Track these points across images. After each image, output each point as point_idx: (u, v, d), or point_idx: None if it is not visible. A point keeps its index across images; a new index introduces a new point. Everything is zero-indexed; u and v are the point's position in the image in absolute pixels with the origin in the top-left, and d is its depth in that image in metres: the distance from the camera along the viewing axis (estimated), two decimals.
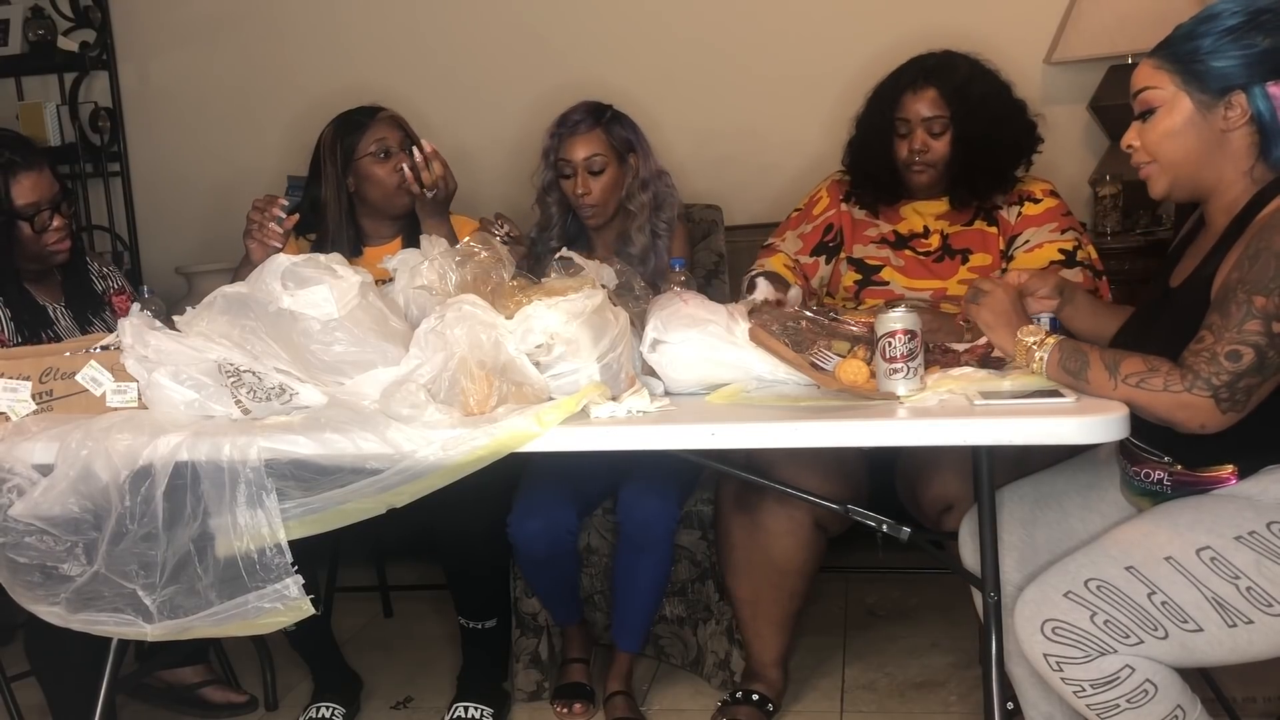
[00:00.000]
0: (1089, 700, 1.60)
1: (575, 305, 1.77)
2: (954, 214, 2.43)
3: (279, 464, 1.70)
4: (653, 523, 2.34)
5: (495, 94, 3.63)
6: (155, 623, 1.76)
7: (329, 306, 1.82)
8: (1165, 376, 1.57)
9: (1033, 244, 2.35)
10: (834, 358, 1.84)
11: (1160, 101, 1.68)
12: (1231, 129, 1.65)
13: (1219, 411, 1.56)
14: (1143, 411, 1.60)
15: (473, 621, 2.47)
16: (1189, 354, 1.57)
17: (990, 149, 2.35)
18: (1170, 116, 1.68)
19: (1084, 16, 3.10)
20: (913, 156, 2.37)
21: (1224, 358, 1.54)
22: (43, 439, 1.80)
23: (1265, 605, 1.57)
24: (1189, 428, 1.59)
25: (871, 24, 3.36)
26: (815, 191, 2.59)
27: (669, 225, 2.59)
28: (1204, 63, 1.64)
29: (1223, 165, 1.67)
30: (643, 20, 3.53)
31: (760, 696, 2.39)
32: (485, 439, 1.65)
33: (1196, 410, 1.57)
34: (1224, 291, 1.59)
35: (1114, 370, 1.60)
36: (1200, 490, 1.69)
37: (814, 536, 2.32)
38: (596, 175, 2.51)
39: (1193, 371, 1.56)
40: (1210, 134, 1.66)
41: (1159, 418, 1.60)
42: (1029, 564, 1.85)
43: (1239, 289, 1.56)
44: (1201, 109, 1.66)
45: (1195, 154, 1.68)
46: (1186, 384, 1.56)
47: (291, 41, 3.76)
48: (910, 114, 2.37)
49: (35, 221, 2.31)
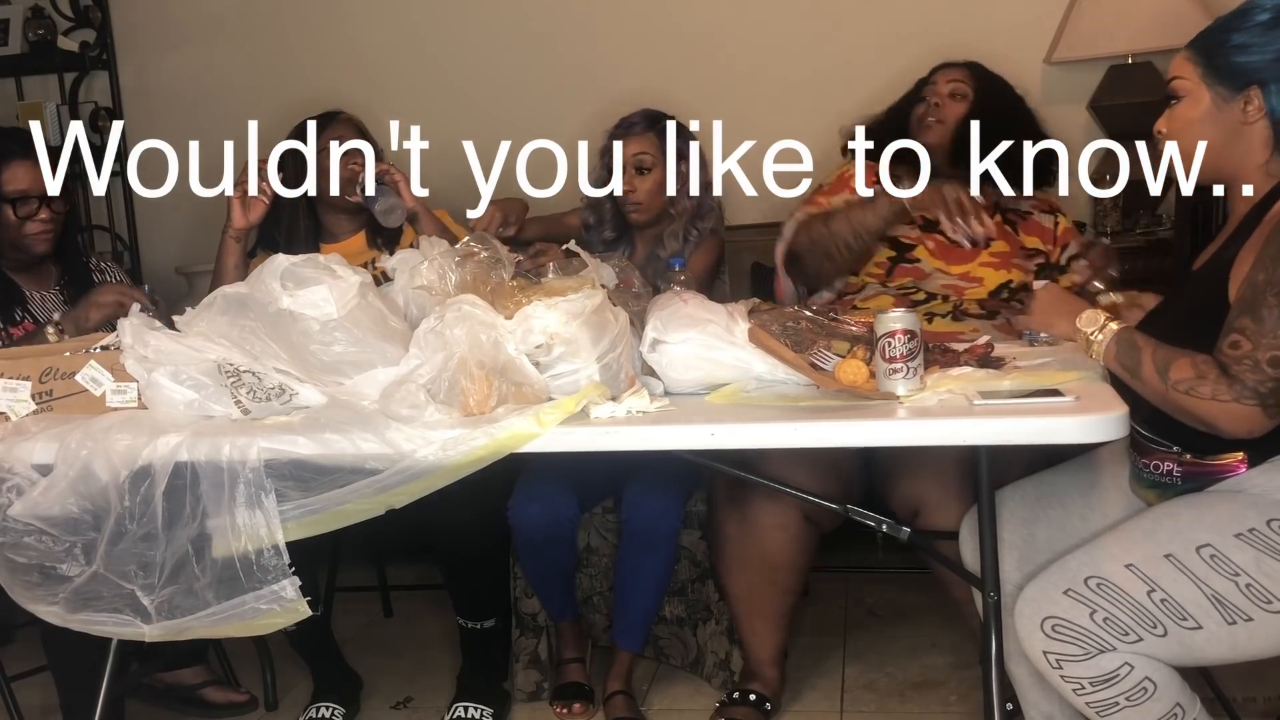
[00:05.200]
0: (1088, 698, 1.60)
1: (575, 305, 1.77)
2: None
3: (278, 464, 1.69)
4: (658, 522, 2.34)
5: (495, 94, 3.63)
6: (153, 623, 1.75)
7: (328, 306, 1.82)
8: (1213, 385, 1.58)
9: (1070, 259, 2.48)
10: (834, 358, 1.84)
11: (1185, 91, 1.73)
12: (1249, 123, 1.68)
13: (1266, 418, 1.58)
14: (1188, 417, 1.62)
15: (471, 622, 2.47)
16: (1231, 362, 1.58)
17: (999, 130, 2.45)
18: (1192, 107, 1.72)
19: (1084, 16, 3.10)
20: (928, 111, 2.54)
21: (1266, 364, 1.55)
22: (42, 439, 1.80)
23: (1265, 602, 1.57)
24: (1235, 435, 1.61)
25: (872, 24, 3.36)
26: (843, 169, 2.64)
27: (701, 234, 2.66)
28: (1226, 57, 1.68)
29: (1240, 157, 1.71)
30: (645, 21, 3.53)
31: (758, 696, 2.38)
32: (485, 439, 1.65)
33: (1244, 419, 1.58)
34: (1251, 292, 1.59)
35: (1164, 374, 1.62)
36: (1211, 480, 1.69)
37: (805, 531, 2.33)
38: (643, 174, 2.60)
39: (1240, 381, 1.56)
40: (1228, 126, 1.70)
41: (1205, 424, 1.62)
42: (1029, 563, 1.85)
43: (1268, 292, 1.57)
44: (1218, 102, 1.69)
45: (1213, 145, 1.71)
46: (1235, 394, 1.57)
47: (292, 41, 3.76)
48: (938, 79, 2.57)
49: (19, 208, 2.35)
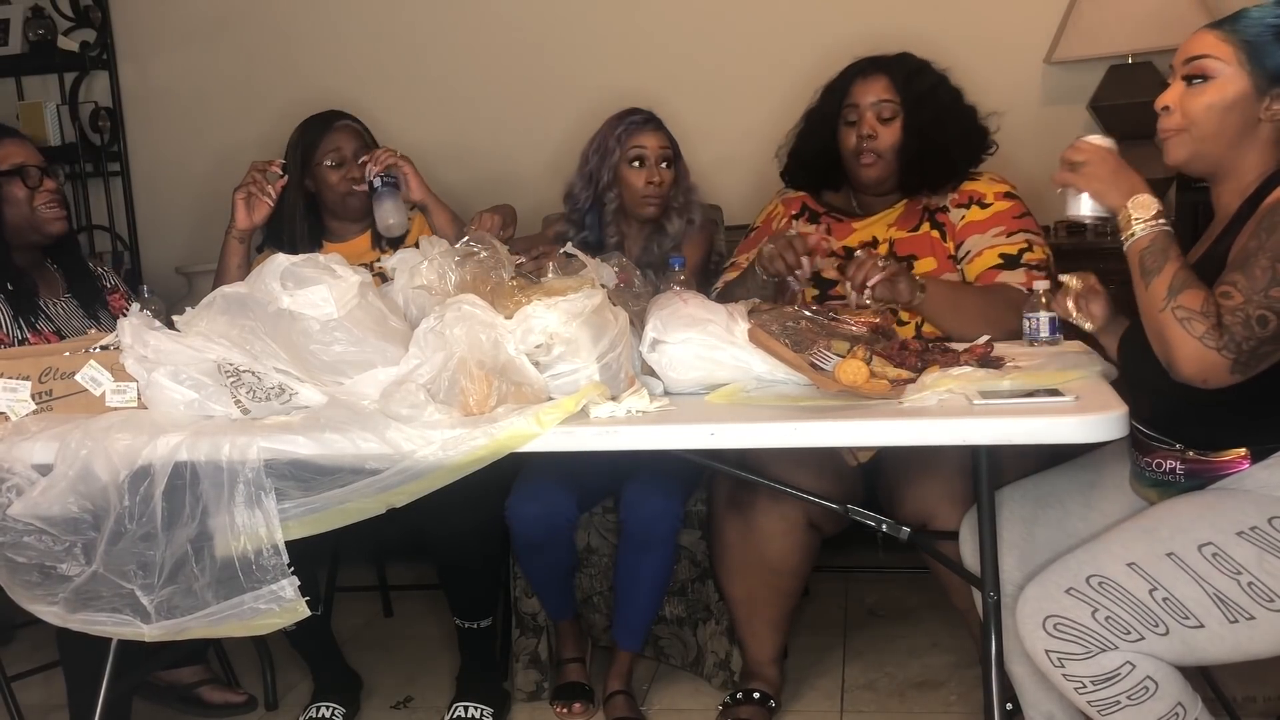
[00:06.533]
0: (1090, 697, 1.60)
1: (574, 305, 1.77)
2: (902, 221, 2.40)
3: (278, 464, 1.69)
4: (656, 522, 2.34)
5: (494, 95, 3.63)
6: (153, 623, 1.75)
7: (328, 306, 1.82)
8: (1207, 327, 1.56)
9: (973, 254, 2.32)
10: (833, 358, 1.84)
11: (1216, 73, 1.68)
12: (1268, 119, 1.68)
13: (1230, 373, 1.57)
14: (1160, 341, 1.60)
15: (467, 621, 2.47)
16: (1224, 312, 1.57)
17: (941, 139, 2.34)
18: (1223, 90, 1.68)
19: (1084, 16, 3.10)
20: (861, 143, 2.34)
21: (1255, 322, 1.55)
22: (42, 439, 1.80)
23: (1267, 601, 1.57)
24: (1189, 376, 1.59)
25: (871, 24, 3.35)
26: (770, 208, 2.60)
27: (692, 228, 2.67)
28: (1270, 50, 1.65)
29: (1246, 151, 1.70)
30: (644, 21, 3.53)
31: (762, 694, 2.39)
32: (485, 439, 1.65)
33: (1209, 367, 1.57)
34: (1242, 255, 1.60)
35: (1173, 293, 1.59)
36: (1214, 476, 1.69)
37: (808, 537, 2.32)
38: (666, 167, 2.60)
39: (1229, 332, 1.56)
40: (1249, 118, 1.68)
41: (1168, 354, 1.60)
42: (1029, 563, 1.85)
43: (1260, 254, 1.57)
44: (1256, 92, 1.67)
45: (1230, 133, 1.69)
46: (1219, 343, 1.56)
47: (292, 41, 3.76)
48: (859, 99, 2.36)
49: (26, 177, 2.37)
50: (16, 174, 2.37)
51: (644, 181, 2.58)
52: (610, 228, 2.65)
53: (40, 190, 2.38)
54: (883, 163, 2.35)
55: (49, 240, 2.44)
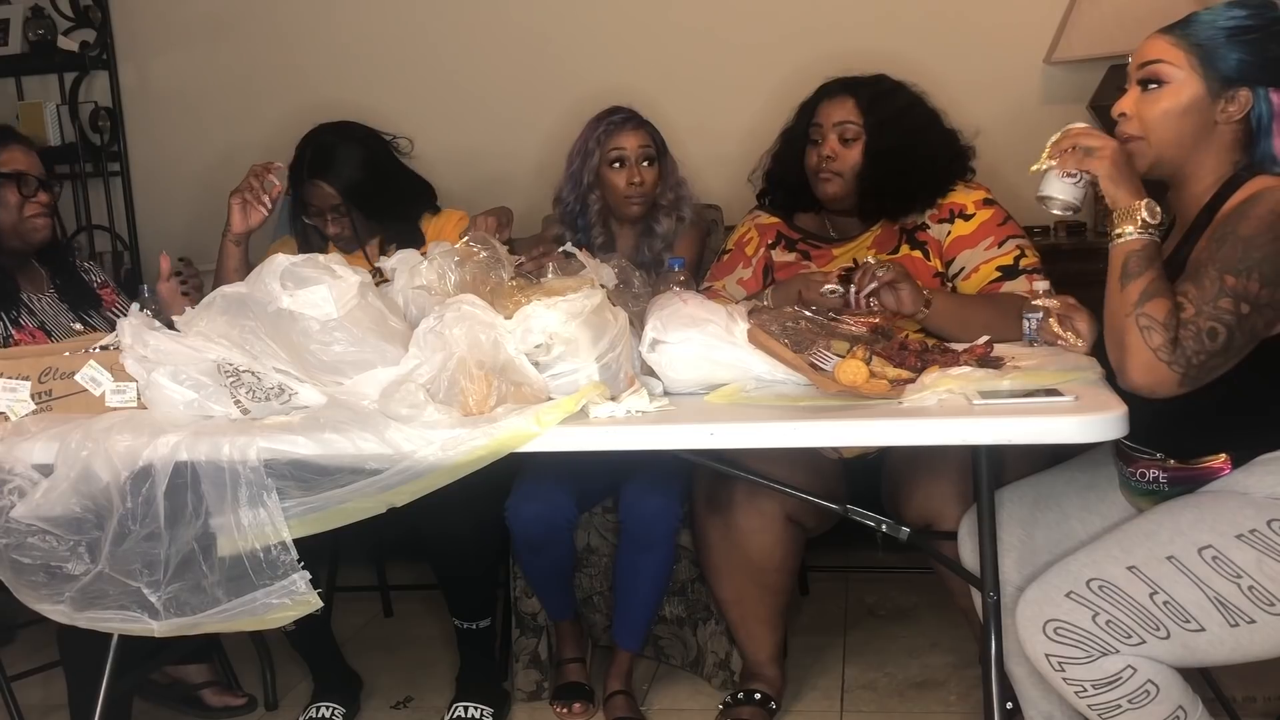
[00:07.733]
0: (1090, 700, 1.60)
1: (574, 305, 1.77)
2: (879, 244, 2.39)
3: (278, 464, 1.69)
4: (655, 521, 2.34)
5: (494, 94, 3.63)
6: (161, 619, 1.76)
7: (328, 306, 1.82)
8: (1164, 339, 1.56)
9: (968, 270, 2.31)
10: (833, 358, 1.84)
11: (1170, 78, 1.67)
12: (1224, 122, 1.67)
13: (1178, 386, 1.57)
14: (1117, 345, 1.60)
15: (466, 622, 2.47)
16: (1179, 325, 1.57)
17: (904, 164, 2.31)
18: (1176, 96, 1.67)
19: (1084, 16, 3.10)
20: (821, 163, 2.35)
21: (1205, 335, 1.55)
22: (42, 439, 1.80)
23: (1267, 604, 1.57)
24: (1137, 385, 1.59)
25: (871, 23, 3.36)
26: (743, 232, 2.56)
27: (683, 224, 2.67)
28: (1222, 53, 1.65)
29: (1205, 155, 1.69)
30: (644, 20, 3.53)
31: (762, 695, 2.38)
32: (484, 439, 1.65)
33: (1158, 379, 1.57)
34: (1194, 265, 1.60)
35: (1142, 300, 1.58)
36: (1197, 483, 1.69)
37: (789, 532, 2.31)
38: (648, 165, 2.59)
39: (1181, 346, 1.56)
40: (1205, 122, 1.67)
41: (1120, 361, 1.60)
42: (1028, 564, 1.85)
43: (1210, 265, 1.58)
44: (1210, 95, 1.66)
45: (1187, 138, 1.68)
46: (1171, 356, 1.56)
47: (291, 41, 3.75)
48: (824, 119, 2.37)
49: (23, 185, 2.38)
50: (14, 180, 2.37)
51: (625, 182, 2.58)
52: (597, 229, 2.64)
53: (32, 200, 2.40)
54: (841, 181, 2.35)
55: (29, 249, 2.45)
